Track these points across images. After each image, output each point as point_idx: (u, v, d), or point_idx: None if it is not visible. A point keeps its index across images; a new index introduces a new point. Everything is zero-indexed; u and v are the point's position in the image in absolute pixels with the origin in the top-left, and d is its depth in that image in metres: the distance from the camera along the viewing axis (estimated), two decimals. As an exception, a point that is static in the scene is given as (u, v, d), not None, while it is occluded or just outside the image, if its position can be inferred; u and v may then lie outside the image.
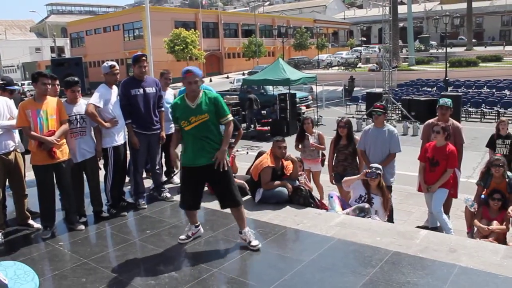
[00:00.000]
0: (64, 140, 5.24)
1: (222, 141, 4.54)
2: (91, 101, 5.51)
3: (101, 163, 5.89)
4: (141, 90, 5.90)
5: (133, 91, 5.87)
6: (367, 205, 5.84)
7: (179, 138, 4.71)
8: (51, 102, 5.15)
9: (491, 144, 8.53)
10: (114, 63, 5.90)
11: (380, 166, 6.13)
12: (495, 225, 5.82)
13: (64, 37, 72.45)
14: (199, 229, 5.03)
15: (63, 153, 5.18)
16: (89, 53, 53.16)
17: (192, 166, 4.56)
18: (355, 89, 29.12)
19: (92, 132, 5.67)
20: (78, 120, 5.43)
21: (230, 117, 4.56)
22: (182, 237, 4.94)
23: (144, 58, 5.92)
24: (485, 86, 25.70)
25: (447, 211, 6.42)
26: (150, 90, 5.98)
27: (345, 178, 6.37)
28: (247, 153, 13.77)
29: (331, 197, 6.14)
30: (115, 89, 5.84)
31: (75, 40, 59.63)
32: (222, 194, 4.67)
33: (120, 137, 5.83)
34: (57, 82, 5.70)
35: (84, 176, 5.72)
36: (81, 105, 5.51)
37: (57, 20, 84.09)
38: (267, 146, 7.61)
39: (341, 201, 6.23)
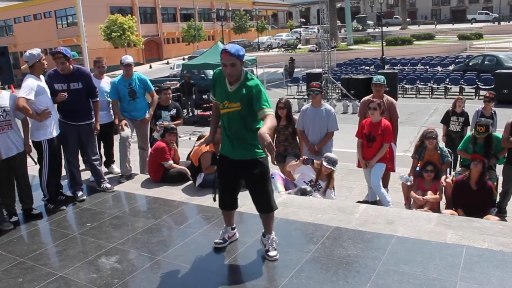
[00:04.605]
0: None
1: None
2: (20, 95, 5.14)
3: (35, 157, 5.64)
4: (65, 86, 5.69)
5: (57, 86, 5.67)
6: (309, 188, 5.96)
7: (218, 115, 4.11)
8: None
9: (446, 120, 8.72)
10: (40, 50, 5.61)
11: (335, 157, 6.30)
12: (429, 195, 6.11)
13: (-12, 25, 68.19)
14: (235, 232, 4.47)
15: None
16: (19, 42, 50.44)
17: (228, 157, 4.02)
18: (295, 70, 29.44)
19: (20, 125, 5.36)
20: (1, 113, 5.07)
21: (267, 111, 3.70)
22: (218, 240, 4.34)
23: (59, 55, 5.58)
24: (419, 63, 26.75)
25: (385, 185, 6.66)
26: (75, 86, 5.75)
27: (289, 165, 6.46)
28: (190, 138, 13.65)
29: (273, 177, 6.20)
30: (43, 79, 5.56)
31: (3, 28, 56.36)
32: (258, 197, 4.03)
33: (54, 129, 5.57)
34: None
35: None
36: (3, 97, 5.17)
37: (-21, 8, 78.75)
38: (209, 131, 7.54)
39: (284, 181, 6.31)
